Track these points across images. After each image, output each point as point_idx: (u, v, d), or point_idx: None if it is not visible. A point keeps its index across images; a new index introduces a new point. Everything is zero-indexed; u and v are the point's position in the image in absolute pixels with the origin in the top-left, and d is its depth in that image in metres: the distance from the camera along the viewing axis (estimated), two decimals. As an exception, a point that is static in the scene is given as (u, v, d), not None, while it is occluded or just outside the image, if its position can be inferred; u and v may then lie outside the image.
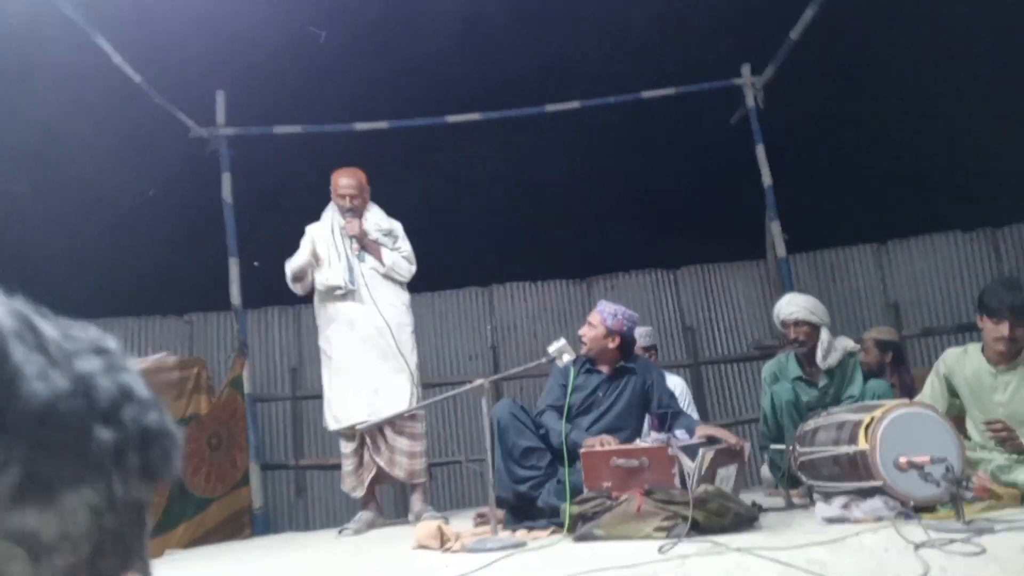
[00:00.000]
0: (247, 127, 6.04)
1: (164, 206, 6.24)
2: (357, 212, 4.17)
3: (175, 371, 5.50)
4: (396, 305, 4.15)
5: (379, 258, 4.14)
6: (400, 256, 4.19)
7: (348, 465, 4.12)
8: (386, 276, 4.16)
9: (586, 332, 3.61)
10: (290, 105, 6.07)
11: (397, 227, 4.28)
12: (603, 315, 3.61)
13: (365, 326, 4.05)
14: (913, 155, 6.44)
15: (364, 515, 4.07)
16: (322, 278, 4.12)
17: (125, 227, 6.22)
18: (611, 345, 3.60)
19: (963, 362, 3.30)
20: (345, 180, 4.18)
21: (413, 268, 4.25)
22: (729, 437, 3.19)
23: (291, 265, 4.20)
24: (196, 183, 6.12)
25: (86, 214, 6.10)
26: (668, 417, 3.54)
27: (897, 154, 6.46)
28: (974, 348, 3.29)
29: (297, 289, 4.24)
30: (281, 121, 6.08)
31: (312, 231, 4.26)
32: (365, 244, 4.15)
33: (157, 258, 6.32)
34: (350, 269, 4.08)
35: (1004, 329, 3.04)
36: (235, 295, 5.82)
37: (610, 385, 3.59)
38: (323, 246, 4.17)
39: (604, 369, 3.63)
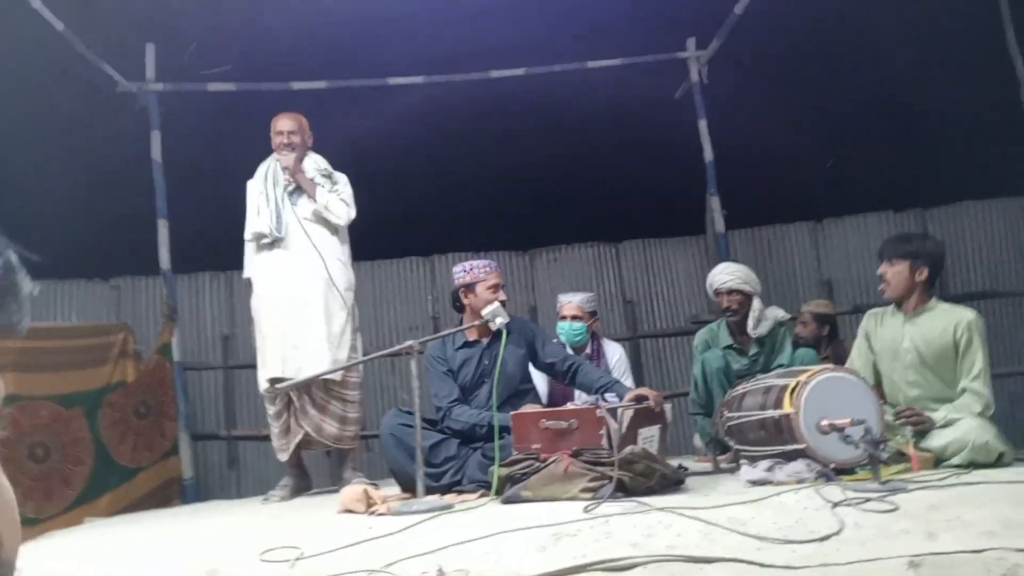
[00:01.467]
0: (179, 83, 5.80)
1: (89, 164, 5.96)
2: (296, 152, 4.03)
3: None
4: (331, 258, 3.98)
5: (313, 195, 3.99)
6: (337, 197, 4.03)
7: (275, 427, 4.00)
8: (323, 223, 4.01)
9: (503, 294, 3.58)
10: (225, 61, 5.83)
11: (340, 176, 4.14)
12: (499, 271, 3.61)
13: (293, 277, 3.89)
14: (851, 135, 6.56)
15: (290, 481, 3.97)
16: (249, 227, 3.98)
17: (46, 186, 5.91)
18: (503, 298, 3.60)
19: (880, 320, 3.45)
20: (284, 120, 4.08)
21: (351, 212, 4.07)
22: (650, 394, 3.20)
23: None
24: (123, 140, 5.85)
25: (3, 171, 5.78)
26: (569, 371, 3.52)
27: (835, 133, 6.56)
28: (888, 310, 3.45)
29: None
30: (215, 78, 5.85)
31: (250, 185, 4.12)
32: (299, 180, 3.99)
33: (81, 219, 6.02)
34: (278, 216, 3.94)
35: (881, 268, 3.33)
36: (164, 259, 5.60)
37: (491, 352, 3.54)
38: (254, 194, 4.02)
39: (482, 337, 3.59)
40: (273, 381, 3.81)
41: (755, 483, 2.90)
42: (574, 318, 4.30)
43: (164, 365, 5.59)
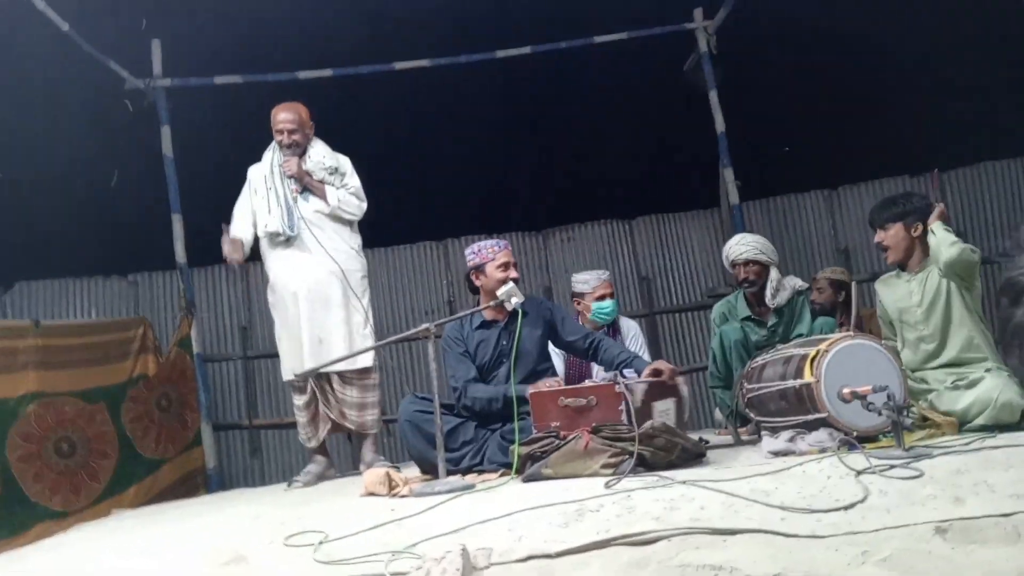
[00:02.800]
0: (186, 78, 5.81)
1: (103, 162, 5.99)
2: (297, 148, 4.00)
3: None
4: (344, 250, 4.02)
5: (323, 197, 3.99)
6: (347, 193, 4.03)
7: (302, 417, 4.04)
8: (334, 217, 4.02)
9: (515, 263, 3.56)
10: (231, 54, 5.82)
11: (344, 162, 4.11)
12: (509, 250, 3.59)
13: (310, 273, 3.92)
14: (864, 100, 6.44)
15: (313, 467, 4.01)
16: (262, 224, 3.98)
17: (62, 186, 5.96)
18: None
19: (889, 286, 3.50)
20: (283, 115, 4.01)
21: (363, 205, 4.09)
22: (664, 367, 3.18)
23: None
24: (134, 137, 5.87)
25: (20, 173, 5.82)
26: (590, 347, 3.51)
27: (848, 99, 6.45)
28: (893, 274, 3.52)
29: (240, 261, 4.06)
30: (221, 71, 5.85)
31: (252, 174, 4.10)
32: (307, 184, 3.99)
33: (97, 217, 6.08)
34: (289, 214, 3.94)
35: (877, 237, 3.42)
36: (180, 253, 5.66)
37: (508, 331, 3.53)
38: (262, 188, 4.01)
39: (499, 317, 3.57)
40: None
41: (777, 454, 2.88)
42: (610, 296, 4.29)
43: (184, 358, 5.64)
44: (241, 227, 4.04)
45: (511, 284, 3.38)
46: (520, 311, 3.46)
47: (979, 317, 3.27)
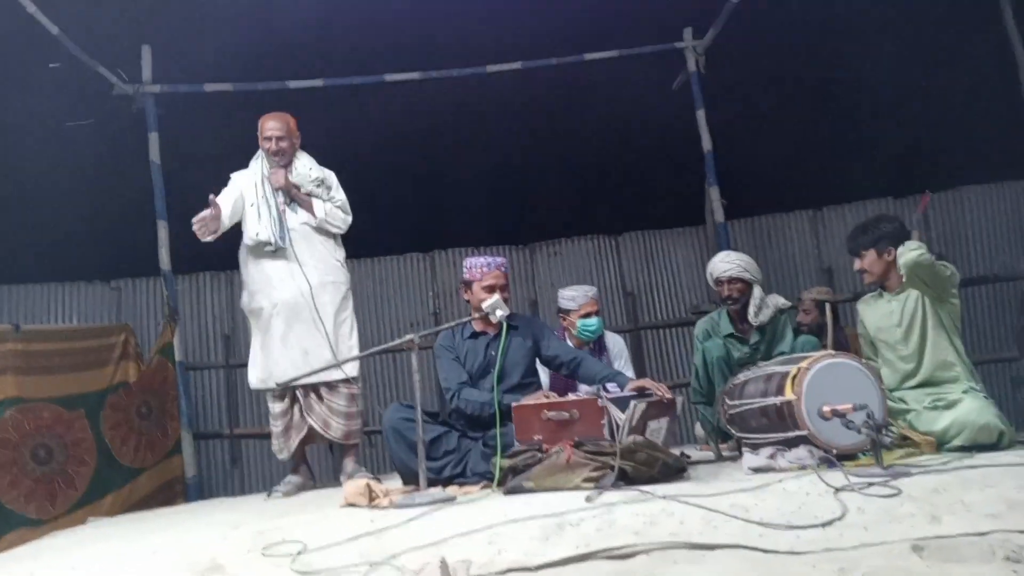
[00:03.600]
0: (175, 84, 5.80)
1: (88, 167, 5.96)
2: (284, 158, 4.00)
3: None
4: (329, 262, 4.01)
5: (310, 210, 4.00)
6: (334, 206, 4.04)
7: (277, 426, 4.01)
8: (319, 230, 4.02)
9: (502, 286, 3.54)
10: (221, 61, 5.82)
11: (330, 176, 4.12)
12: (503, 270, 3.58)
13: (295, 284, 3.91)
14: (849, 122, 6.54)
15: (293, 478, 3.98)
16: (251, 232, 3.96)
17: (47, 189, 5.92)
18: (506, 295, 3.57)
19: (870, 306, 3.56)
20: (272, 123, 4.01)
21: (348, 218, 4.10)
22: (659, 388, 3.19)
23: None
24: (121, 143, 5.85)
25: (3, 176, 5.79)
26: (572, 364, 3.52)
27: (834, 121, 6.55)
28: (874, 295, 3.58)
29: (210, 238, 3.95)
30: (211, 78, 5.84)
31: (239, 179, 4.09)
32: (294, 196, 4.00)
33: (81, 222, 6.04)
34: (280, 224, 3.94)
35: (856, 264, 3.47)
36: (164, 260, 5.62)
37: (497, 343, 3.54)
38: (252, 197, 4.00)
39: (488, 329, 3.59)
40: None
41: (757, 470, 2.89)
42: (596, 313, 4.30)
43: (166, 365, 5.59)
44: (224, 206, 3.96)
45: (496, 297, 3.39)
46: (507, 325, 3.46)
47: (956, 337, 3.32)
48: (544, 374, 4.06)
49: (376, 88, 5.95)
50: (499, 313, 3.33)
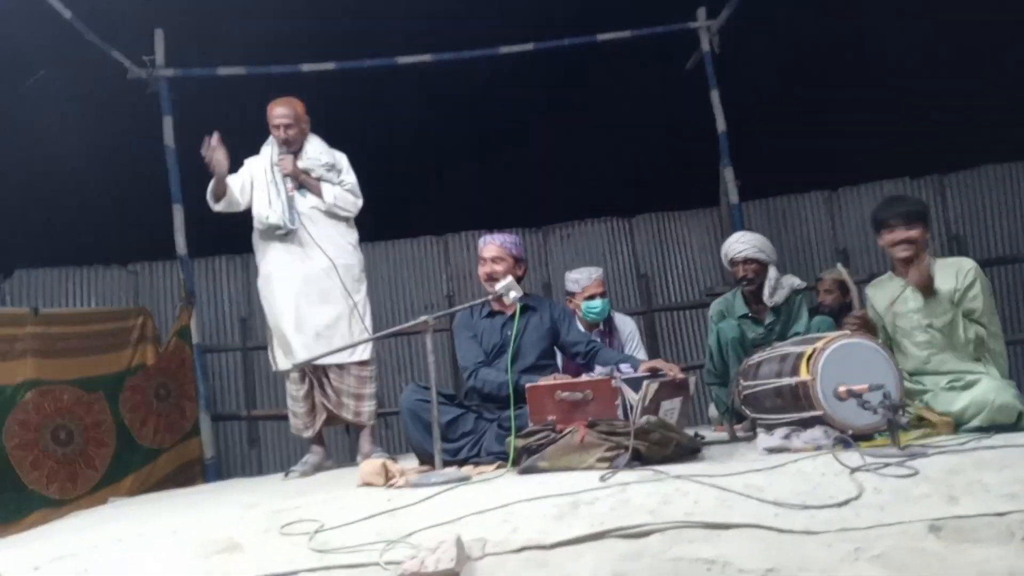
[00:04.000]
0: (188, 68, 5.81)
1: (104, 152, 5.99)
2: (293, 145, 4.01)
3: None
4: (341, 244, 4.03)
5: (319, 194, 4.01)
6: (343, 190, 4.05)
7: (299, 407, 4.05)
8: (330, 214, 4.04)
9: (497, 269, 3.53)
10: (234, 45, 5.81)
11: (341, 159, 4.13)
12: (506, 246, 3.57)
13: (306, 267, 3.93)
14: (865, 102, 6.46)
15: (311, 458, 4.02)
16: (262, 215, 3.98)
17: (64, 174, 5.96)
18: (519, 273, 3.57)
19: (881, 290, 3.43)
20: (279, 110, 4.02)
21: (359, 202, 4.11)
22: (672, 368, 3.19)
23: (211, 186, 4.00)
24: (136, 127, 5.87)
25: (20, 161, 5.83)
26: (588, 353, 3.52)
27: (849, 100, 6.46)
28: (886, 277, 3.45)
29: (219, 206, 4.02)
30: (225, 62, 5.85)
31: (251, 164, 4.11)
32: (302, 181, 4.01)
33: (98, 206, 6.09)
34: (289, 207, 3.95)
35: (899, 234, 3.23)
36: (180, 243, 5.67)
37: (514, 323, 3.52)
38: (261, 181, 4.02)
39: (506, 309, 3.58)
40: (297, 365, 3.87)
41: (772, 451, 2.88)
42: (601, 295, 4.29)
43: (183, 348, 5.65)
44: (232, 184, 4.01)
45: (510, 279, 3.39)
46: (522, 305, 3.47)
47: (988, 323, 3.19)
48: (557, 356, 4.07)
49: (388, 71, 5.93)
50: (512, 295, 3.33)
